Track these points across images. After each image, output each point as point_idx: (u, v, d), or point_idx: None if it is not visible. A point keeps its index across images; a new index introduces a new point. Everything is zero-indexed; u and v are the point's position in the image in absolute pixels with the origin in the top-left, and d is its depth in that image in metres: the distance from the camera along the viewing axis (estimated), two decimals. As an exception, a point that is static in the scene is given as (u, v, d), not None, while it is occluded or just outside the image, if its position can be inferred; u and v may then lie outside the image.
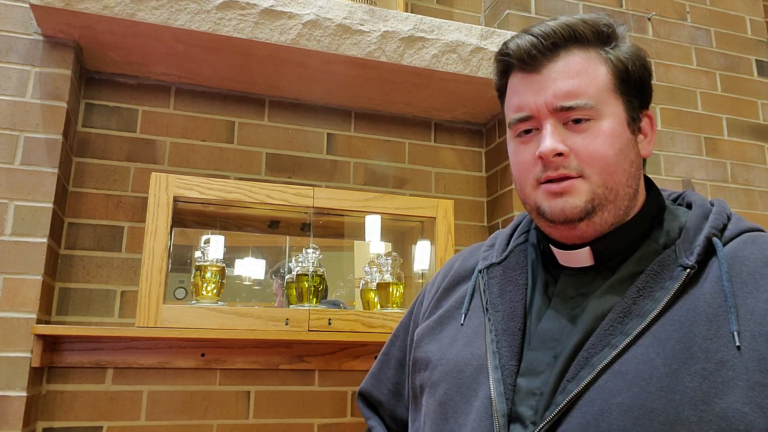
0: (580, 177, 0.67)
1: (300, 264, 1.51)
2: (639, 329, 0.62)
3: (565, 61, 0.69)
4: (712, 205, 0.71)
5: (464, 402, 0.69)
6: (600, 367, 0.61)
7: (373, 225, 1.59)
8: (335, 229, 1.69)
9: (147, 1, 1.31)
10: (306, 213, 1.55)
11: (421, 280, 1.62)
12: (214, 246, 1.45)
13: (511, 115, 0.73)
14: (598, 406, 0.60)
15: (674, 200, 0.77)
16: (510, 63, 0.72)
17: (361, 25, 1.46)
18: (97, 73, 1.50)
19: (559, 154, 0.67)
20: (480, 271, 0.79)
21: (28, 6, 1.35)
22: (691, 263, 0.64)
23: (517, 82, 0.72)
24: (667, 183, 1.89)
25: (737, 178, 1.99)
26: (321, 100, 1.66)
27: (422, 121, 1.76)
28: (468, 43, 1.54)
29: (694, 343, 0.59)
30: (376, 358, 1.00)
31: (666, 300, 0.63)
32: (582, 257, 0.71)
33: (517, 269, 0.76)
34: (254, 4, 1.38)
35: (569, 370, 0.63)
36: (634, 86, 0.71)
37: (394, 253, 1.57)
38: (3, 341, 1.21)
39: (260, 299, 1.62)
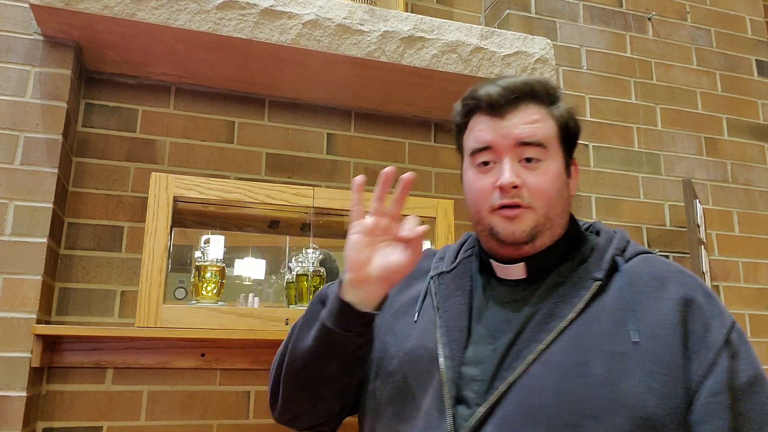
0: (528, 208, 0.81)
1: (300, 264, 1.51)
2: (560, 328, 0.76)
3: (525, 111, 0.84)
4: (615, 233, 0.88)
5: (420, 388, 0.81)
6: (530, 358, 0.75)
7: (373, 225, 1.58)
8: (335, 229, 1.68)
9: (147, 1, 1.31)
10: (306, 213, 1.55)
11: (421, 280, 1.62)
12: (214, 246, 1.45)
13: (472, 146, 0.86)
14: (528, 390, 0.73)
15: (586, 229, 0.92)
16: (478, 106, 0.86)
17: (361, 25, 1.46)
18: (97, 73, 1.50)
19: (515, 186, 0.81)
20: (432, 278, 0.93)
21: (27, 6, 1.34)
22: (600, 276, 0.80)
23: (481, 122, 0.86)
24: (668, 183, 1.89)
25: (737, 178, 1.99)
26: (321, 100, 1.66)
27: (422, 121, 1.76)
28: (468, 43, 1.54)
29: (600, 338, 0.74)
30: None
31: (580, 305, 0.78)
32: (518, 271, 0.86)
33: (464, 277, 0.90)
34: (254, 4, 1.38)
35: (505, 361, 0.77)
36: (571, 139, 0.87)
37: (394, 253, 1.56)
38: (3, 341, 1.21)
39: (260, 299, 1.61)
